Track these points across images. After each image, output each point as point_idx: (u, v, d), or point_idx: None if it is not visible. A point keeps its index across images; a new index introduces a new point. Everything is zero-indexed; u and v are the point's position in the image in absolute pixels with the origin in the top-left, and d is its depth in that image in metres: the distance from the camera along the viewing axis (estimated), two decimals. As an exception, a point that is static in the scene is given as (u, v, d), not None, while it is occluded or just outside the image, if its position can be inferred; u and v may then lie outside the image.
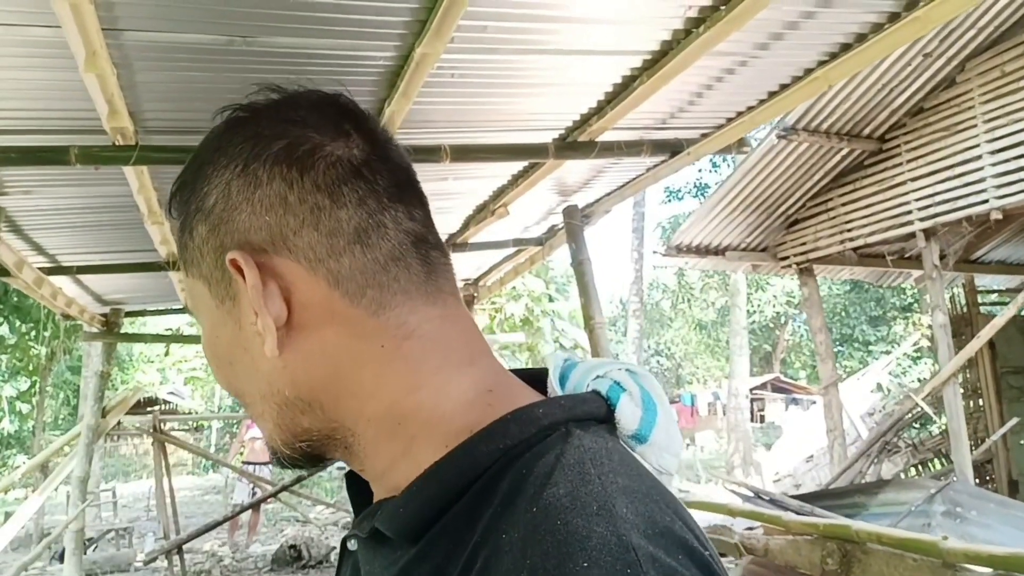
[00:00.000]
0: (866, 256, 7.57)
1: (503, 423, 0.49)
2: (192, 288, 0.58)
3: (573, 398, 0.53)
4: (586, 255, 4.46)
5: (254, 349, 0.53)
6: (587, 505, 0.41)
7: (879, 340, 24.05)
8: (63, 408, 18.51)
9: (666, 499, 0.45)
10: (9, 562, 7.50)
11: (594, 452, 0.46)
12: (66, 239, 4.25)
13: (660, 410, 0.55)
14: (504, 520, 0.43)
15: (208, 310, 0.56)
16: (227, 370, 0.56)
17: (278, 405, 0.54)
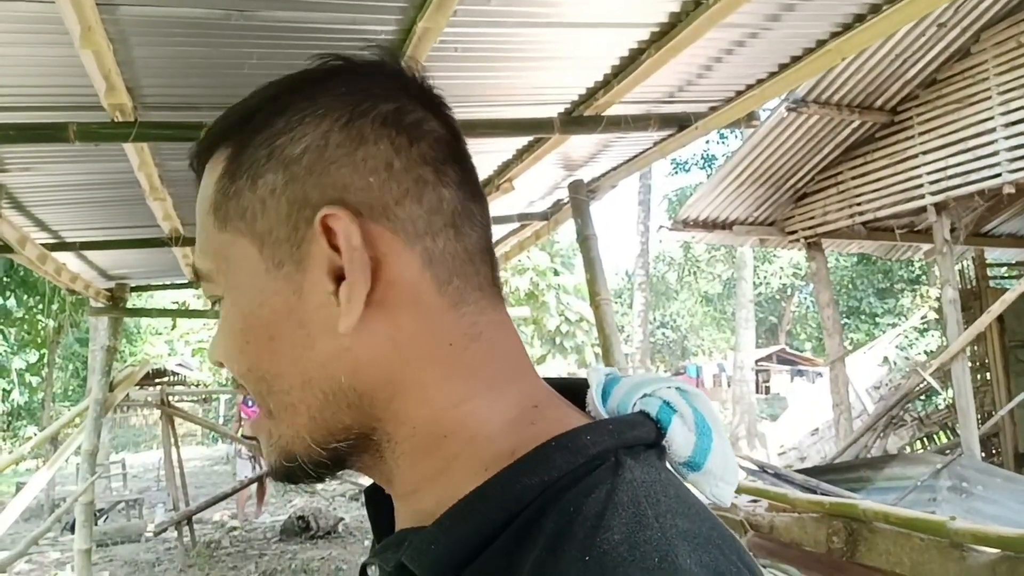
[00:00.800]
0: (875, 230, 7.50)
1: (547, 451, 0.44)
2: (225, 246, 0.49)
3: (622, 422, 0.48)
4: (592, 230, 4.42)
5: (314, 324, 0.46)
6: (648, 556, 0.37)
7: (886, 313, 23.99)
8: (72, 380, 18.67)
9: (728, 542, 0.41)
10: (21, 532, 7.61)
11: (648, 488, 0.42)
12: (68, 215, 4.23)
13: (715, 435, 0.50)
14: (550, 568, 0.38)
15: (248, 273, 0.48)
16: (261, 348, 0.48)
17: (324, 394, 0.47)
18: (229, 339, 0.49)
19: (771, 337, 32.26)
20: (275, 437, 0.49)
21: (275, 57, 2.62)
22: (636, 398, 0.51)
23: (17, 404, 15.94)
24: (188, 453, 12.15)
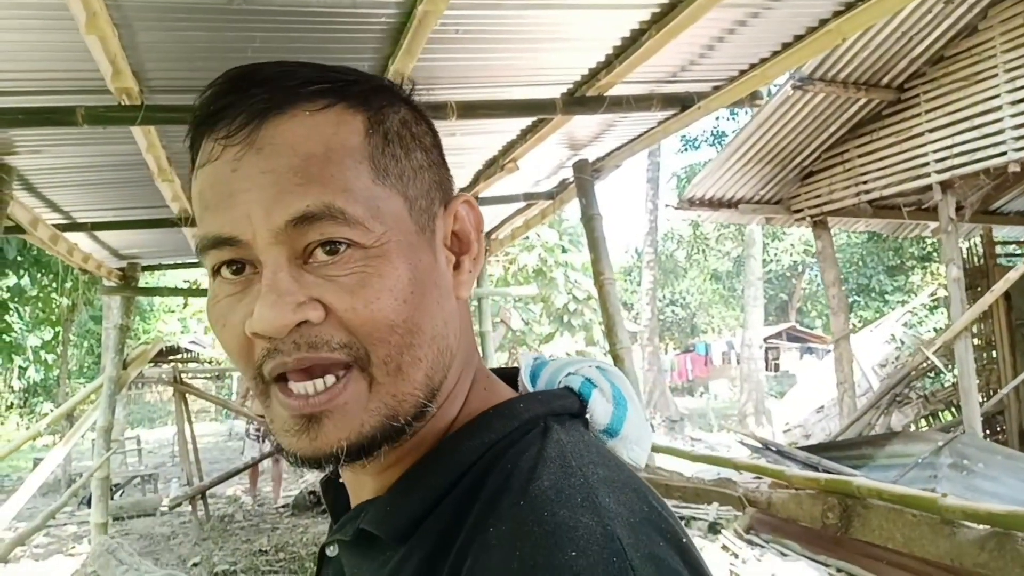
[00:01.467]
0: (882, 208, 7.47)
1: (487, 418, 0.52)
2: (380, 199, 0.50)
3: (549, 394, 0.56)
4: (596, 210, 4.44)
5: (443, 285, 0.53)
6: (571, 497, 0.43)
7: (896, 290, 23.86)
8: (87, 357, 18.91)
9: (643, 488, 0.48)
10: (39, 507, 7.79)
11: (573, 445, 0.49)
12: (79, 196, 4.29)
13: (630, 405, 0.58)
14: (492, 515, 0.44)
15: (404, 231, 0.50)
16: (417, 301, 0.49)
17: (439, 351, 0.51)
18: (390, 289, 0.48)
19: (781, 314, 32.17)
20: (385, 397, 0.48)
21: (277, 41, 2.66)
22: (561, 376, 0.59)
23: (33, 381, 16.20)
24: (201, 429, 12.33)
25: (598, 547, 0.40)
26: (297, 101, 0.50)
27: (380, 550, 0.51)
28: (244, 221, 0.48)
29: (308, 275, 0.48)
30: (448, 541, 0.46)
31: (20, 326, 12.99)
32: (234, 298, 0.50)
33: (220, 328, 0.51)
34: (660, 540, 0.43)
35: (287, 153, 0.48)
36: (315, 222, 0.47)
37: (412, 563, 0.47)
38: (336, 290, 0.47)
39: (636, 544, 0.41)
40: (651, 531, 0.43)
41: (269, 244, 0.47)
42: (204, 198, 0.51)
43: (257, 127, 0.49)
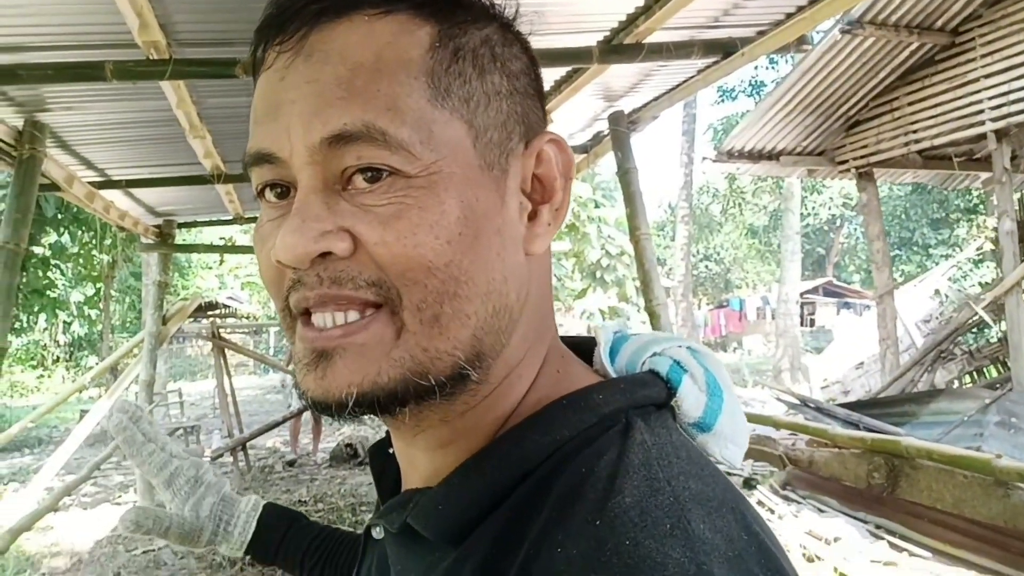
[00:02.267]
0: (931, 159, 7.20)
1: (558, 410, 0.44)
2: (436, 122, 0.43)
3: (632, 381, 0.47)
4: (632, 163, 4.32)
5: (508, 234, 0.45)
6: (659, 522, 0.36)
7: (940, 244, 23.25)
8: (129, 312, 19.34)
9: (741, 505, 0.40)
10: (86, 457, 8.05)
11: (659, 450, 0.41)
12: (113, 154, 4.29)
13: (726, 395, 0.50)
14: (561, 530, 0.37)
15: (462, 162, 0.43)
16: (468, 242, 0.43)
17: (495, 309, 0.44)
18: (432, 226, 0.42)
19: (818, 269, 31.63)
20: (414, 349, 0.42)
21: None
22: (645, 357, 0.50)
23: (78, 336, 16.68)
24: (240, 383, 12.61)
25: None
26: (358, 5, 0.44)
27: (428, 548, 0.44)
28: (284, 136, 0.42)
29: (344, 203, 0.42)
30: (509, 550, 0.39)
31: (63, 282, 13.32)
32: (274, 223, 0.45)
33: (259, 255, 0.46)
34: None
35: (336, 61, 0.42)
36: (352, 143, 0.41)
37: (465, 572, 0.41)
38: (370, 221, 0.42)
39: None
40: (753, 566, 0.36)
41: (304, 163, 0.42)
42: (255, 110, 0.46)
43: (308, 32, 0.43)
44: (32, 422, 7.07)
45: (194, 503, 0.81)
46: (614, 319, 16.40)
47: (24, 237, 3.19)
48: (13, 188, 3.21)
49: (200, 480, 0.83)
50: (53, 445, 9.33)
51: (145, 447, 0.81)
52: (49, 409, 7.31)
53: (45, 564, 4.73)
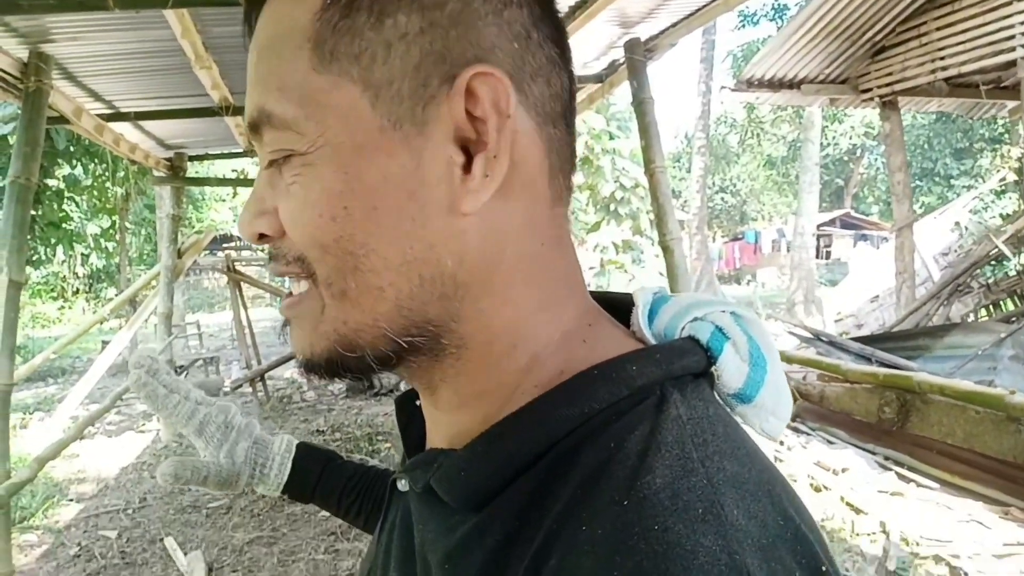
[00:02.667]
0: (958, 86, 6.97)
1: (588, 381, 0.41)
2: (319, 91, 0.41)
3: (670, 350, 0.43)
4: (648, 93, 4.20)
5: (429, 198, 0.40)
6: (691, 506, 0.34)
7: (962, 174, 22.78)
8: (146, 245, 19.47)
9: (777, 487, 0.38)
10: (109, 386, 8.24)
11: (695, 426, 0.38)
12: (120, 85, 4.23)
13: (770, 365, 0.46)
14: (585, 508, 0.35)
15: (353, 128, 0.40)
16: (358, 217, 0.40)
17: (421, 279, 0.41)
18: (314, 204, 0.41)
19: (836, 201, 31.18)
20: (334, 323, 0.43)
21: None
22: (686, 321, 0.46)
23: (96, 268, 16.85)
24: (257, 314, 12.75)
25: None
26: None
27: (450, 510, 0.43)
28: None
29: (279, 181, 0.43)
30: (530, 524, 0.38)
31: (79, 215, 13.37)
32: None
33: None
34: (795, 569, 0.34)
35: (255, 46, 0.43)
36: (259, 129, 0.42)
37: (487, 541, 0.39)
38: (282, 200, 0.43)
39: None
40: (786, 556, 0.34)
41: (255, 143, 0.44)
42: None
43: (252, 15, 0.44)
44: (55, 353, 7.23)
45: (228, 449, 0.81)
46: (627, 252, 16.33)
47: (34, 171, 3.17)
48: (21, 121, 3.18)
49: (230, 424, 0.82)
50: (76, 375, 9.56)
51: (169, 399, 0.80)
52: (71, 340, 7.46)
53: (72, 490, 4.90)
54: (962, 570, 3.15)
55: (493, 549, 0.39)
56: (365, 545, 3.72)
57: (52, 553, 3.86)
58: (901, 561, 3.28)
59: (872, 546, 3.47)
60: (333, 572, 3.43)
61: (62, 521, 4.32)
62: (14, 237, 3.05)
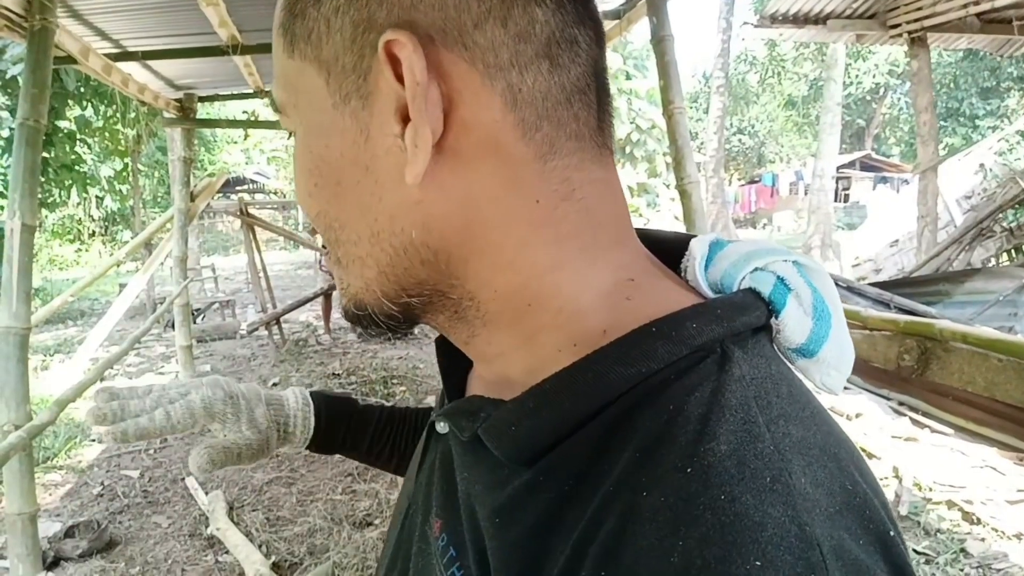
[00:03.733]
0: (990, 22, 6.70)
1: (646, 337, 0.38)
2: (293, 75, 0.43)
3: (731, 306, 0.41)
4: (668, 31, 4.06)
5: (382, 171, 0.40)
6: (758, 475, 0.32)
7: (988, 115, 22.17)
8: (159, 187, 19.49)
9: (842, 451, 0.36)
10: (127, 329, 8.35)
11: (758, 387, 0.36)
12: (126, 23, 4.13)
13: (834, 319, 0.44)
14: (646, 473, 0.34)
15: (315, 108, 0.42)
16: (328, 192, 0.43)
17: (394, 248, 0.42)
18: (299, 180, 0.44)
19: (856, 142, 30.54)
20: (343, 284, 0.46)
21: None
22: (746, 272, 0.44)
23: (111, 210, 16.90)
24: (272, 258, 12.80)
25: (792, 557, 0.30)
26: None
27: (498, 463, 0.41)
28: None
29: None
30: (586, 485, 0.36)
31: (91, 157, 13.33)
32: None
33: None
34: (862, 536, 0.33)
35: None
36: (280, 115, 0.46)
37: (539, 501, 0.38)
38: None
39: (837, 551, 0.31)
40: (854, 524, 0.33)
41: None
42: None
43: None
44: (73, 296, 7.30)
45: (248, 420, 0.75)
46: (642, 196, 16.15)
47: (43, 113, 3.12)
48: (28, 61, 3.11)
49: (233, 395, 0.76)
50: (95, 317, 9.69)
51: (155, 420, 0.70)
52: (88, 283, 7.51)
53: (94, 430, 5.00)
54: (975, 515, 3.16)
55: (547, 507, 0.37)
56: (381, 486, 3.79)
57: (76, 492, 3.96)
58: (913, 506, 3.30)
59: (885, 491, 3.49)
60: (350, 512, 3.50)
61: (85, 461, 4.42)
62: (25, 181, 3.02)
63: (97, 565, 3.12)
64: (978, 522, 3.12)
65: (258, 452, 0.76)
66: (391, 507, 3.55)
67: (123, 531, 3.45)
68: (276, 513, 3.55)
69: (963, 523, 3.15)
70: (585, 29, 0.42)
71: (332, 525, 3.36)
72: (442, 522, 0.46)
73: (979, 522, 3.11)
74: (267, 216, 19.97)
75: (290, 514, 3.53)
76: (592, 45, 0.42)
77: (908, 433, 4.03)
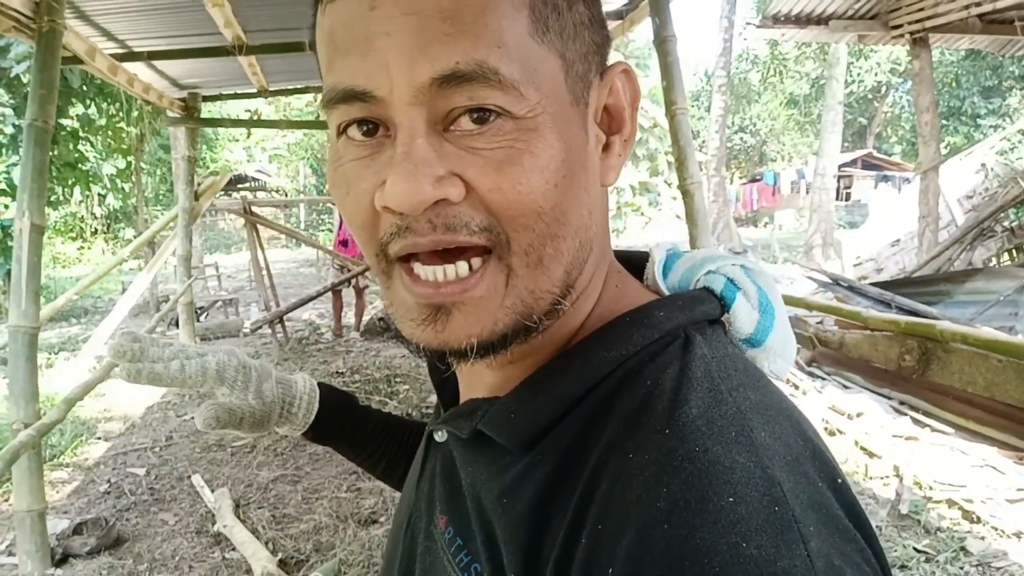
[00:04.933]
0: (992, 23, 6.71)
1: (623, 327, 0.46)
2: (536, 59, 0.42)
3: (690, 298, 0.49)
4: (671, 31, 4.08)
5: (592, 170, 0.46)
6: (725, 430, 0.38)
7: (990, 114, 22.14)
8: (161, 185, 19.49)
9: (795, 415, 0.43)
10: (132, 327, 8.36)
11: (719, 363, 0.43)
12: (132, 24, 4.16)
13: (777, 312, 0.51)
14: (630, 439, 0.39)
15: (559, 99, 0.43)
16: (567, 184, 0.43)
17: (580, 244, 0.45)
18: (542, 170, 0.41)
19: (858, 140, 30.50)
20: (522, 293, 0.43)
21: None
22: (700, 274, 0.52)
23: (113, 208, 16.92)
24: (274, 256, 12.80)
25: (758, 493, 0.35)
26: None
27: (500, 452, 0.46)
28: (381, 73, 0.40)
29: (449, 145, 0.41)
30: (578, 458, 0.41)
31: (94, 155, 13.34)
32: (361, 163, 0.43)
33: (343, 195, 0.44)
34: (818, 481, 0.38)
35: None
36: (464, 83, 0.39)
37: (537, 476, 0.43)
38: (481, 165, 0.41)
39: (796, 489, 0.36)
40: (809, 470, 0.39)
41: (408, 104, 0.40)
42: (335, 39, 0.42)
43: None
44: (77, 294, 7.33)
45: (255, 390, 0.79)
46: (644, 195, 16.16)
47: (51, 113, 3.14)
48: (36, 62, 3.14)
49: (246, 365, 0.79)
50: (98, 315, 9.72)
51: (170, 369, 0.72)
52: (93, 281, 7.54)
53: (100, 428, 5.03)
54: (975, 514, 3.18)
55: (545, 481, 0.42)
56: (386, 485, 3.82)
57: (83, 489, 3.99)
58: (914, 505, 3.32)
59: (885, 490, 3.51)
60: (355, 510, 3.52)
61: (91, 459, 4.45)
62: (34, 181, 3.04)
63: (105, 562, 3.15)
64: (978, 521, 3.14)
65: (259, 422, 0.79)
66: (396, 505, 3.58)
67: (130, 528, 3.47)
68: (282, 511, 3.58)
69: (963, 522, 3.17)
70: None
71: (337, 523, 3.39)
72: (447, 517, 0.50)
73: (979, 521, 3.14)
74: (268, 214, 20.00)
75: (295, 512, 3.56)
76: None
77: (909, 432, 4.06)
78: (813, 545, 0.34)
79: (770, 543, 0.33)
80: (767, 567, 0.33)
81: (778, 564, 0.33)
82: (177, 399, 5.66)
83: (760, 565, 0.33)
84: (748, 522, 0.34)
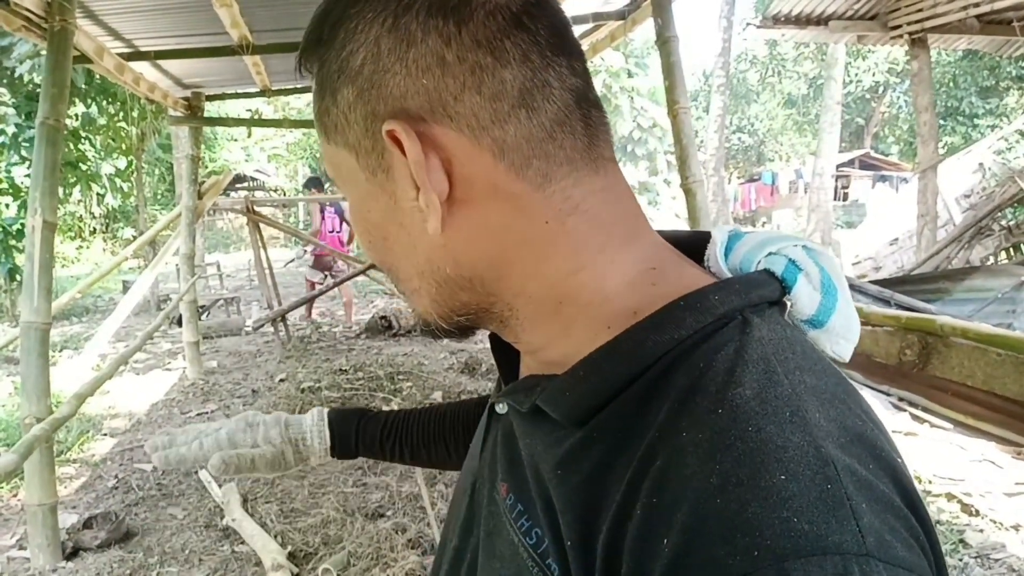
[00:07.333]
0: (990, 23, 6.76)
1: (675, 310, 0.46)
2: (333, 157, 0.52)
3: (748, 281, 0.49)
4: (673, 31, 4.12)
5: (412, 226, 0.49)
6: (779, 410, 0.39)
7: (987, 113, 22.21)
8: (160, 184, 19.50)
9: (852, 399, 0.43)
10: (133, 326, 8.40)
11: (776, 345, 0.44)
12: (140, 23, 4.19)
13: (840, 294, 0.51)
14: (684, 418, 0.40)
15: (355, 181, 0.51)
16: (380, 246, 0.53)
17: (437, 283, 0.51)
18: (362, 237, 0.54)
19: (856, 140, 30.58)
20: (413, 307, 0.55)
21: None
22: (761, 256, 0.51)
23: (112, 208, 16.92)
24: (274, 255, 12.80)
25: (811, 471, 0.36)
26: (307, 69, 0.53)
27: (556, 426, 0.49)
28: None
29: None
30: (633, 435, 0.43)
31: (94, 155, 13.36)
32: None
33: None
34: (871, 462, 0.39)
35: None
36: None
37: (593, 452, 0.45)
38: None
39: (849, 468, 0.37)
40: (863, 452, 0.39)
41: None
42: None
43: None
44: (80, 292, 7.35)
45: (263, 438, 0.93)
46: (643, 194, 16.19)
47: (62, 113, 3.18)
48: (48, 62, 3.17)
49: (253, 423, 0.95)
50: (99, 314, 9.75)
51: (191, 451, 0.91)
52: (96, 280, 7.57)
53: (106, 425, 5.06)
54: (974, 507, 3.23)
55: (601, 457, 0.44)
56: (392, 479, 3.85)
57: (91, 485, 4.02)
58: (914, 498, 3.36)
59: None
60: (363, 504, 3.56)
61: (98, 455, 4.48)
62: (46, 179, 3.08)
63: (116, 555, 3.19)
64: (977, 514, 3.19)
65: (273, 464, 0.93)
66: (403, 499, 3.62)
67: (140, 522, 3.51)
68: (289, 505, 3.61)
69: (962, 515, 3.22)
70: (557, 67, 0.48)
71: (345, 516, 3.43)
72: (508, 485, 0.53)
73: (978, 514, 3.18)
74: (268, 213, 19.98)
75: (303, 506, 3.60)
76: (569, 76, 0.48)
77: (908, 428, 4.10)
78: (865, 521, 0.35)
79: (821, 519, 0.34)
80: (818, 541, 0.34)
81: (829, 539, 0.34)
82: (181, 397, 5.69)
83: (811, 539, 0.34)
84: (800, 498, 0.35)
